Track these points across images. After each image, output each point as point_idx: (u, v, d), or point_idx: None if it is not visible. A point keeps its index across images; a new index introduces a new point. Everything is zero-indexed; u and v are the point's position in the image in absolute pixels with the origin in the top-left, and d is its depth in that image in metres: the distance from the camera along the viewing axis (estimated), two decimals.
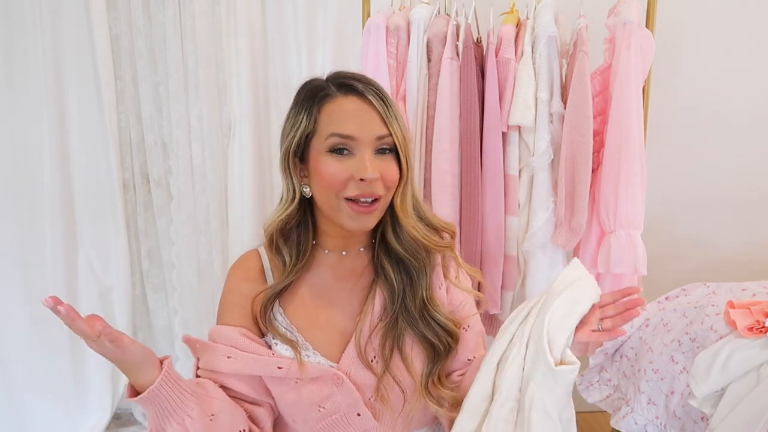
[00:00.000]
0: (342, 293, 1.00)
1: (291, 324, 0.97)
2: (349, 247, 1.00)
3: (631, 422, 1.58)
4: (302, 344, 0.96)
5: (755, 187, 2.24)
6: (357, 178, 0.88)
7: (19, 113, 2.02)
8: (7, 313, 2.09)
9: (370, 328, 0.96)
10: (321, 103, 0.91)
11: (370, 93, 0.90)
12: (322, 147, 0.90)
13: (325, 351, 0.96)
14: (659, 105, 2.04)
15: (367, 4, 1.83)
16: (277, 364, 0.92)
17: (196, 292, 2.14)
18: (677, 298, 1.70)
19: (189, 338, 0.96)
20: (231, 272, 1.01)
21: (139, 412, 2.28)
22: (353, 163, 0.89)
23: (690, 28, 2.11)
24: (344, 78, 0.93)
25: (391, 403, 0.95)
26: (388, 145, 0.91)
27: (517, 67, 1.69)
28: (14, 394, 2.12)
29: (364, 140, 0.89)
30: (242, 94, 2.00)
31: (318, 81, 0.95)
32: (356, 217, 0.90)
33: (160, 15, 2.01)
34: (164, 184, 2.15)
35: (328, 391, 0.93)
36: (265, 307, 0.96)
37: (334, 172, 0.88)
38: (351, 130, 0.88)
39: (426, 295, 0.96)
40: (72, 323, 0.74)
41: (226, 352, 0.92)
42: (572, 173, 1.69)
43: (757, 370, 1.32)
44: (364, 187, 0.88)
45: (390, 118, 0.90)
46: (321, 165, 0.90)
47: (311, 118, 0.91)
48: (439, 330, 0.96)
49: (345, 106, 0.90)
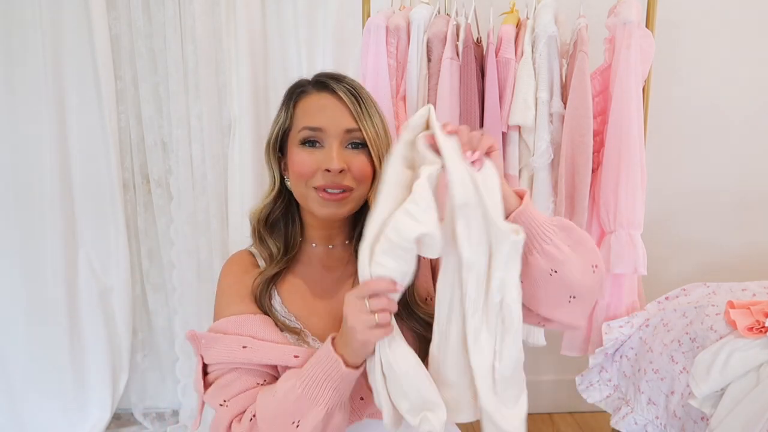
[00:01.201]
0: (332, 282, 1.02)
1: (290, 312, 0.99)
2: (334, 240, 1.03)
3: (631, 422, 1.58)
4: (302, 332, 0.97)
5: (755, 187, 2.24)
6: (323, 169, 0.92)
7: (19, 113, 2.01)
8: (7, 313, 2.09)
9: None
10: (297, 99, 0.98)
11: (341, 90, 0.94)
12: (296, 139, 0.96)
13: (324, 337, 0.95)
14: (659, 105, 2.04)
15: (367, 4, 1.83)
16: (293, 353, 0.91)
17: (196, 292, 2.14)
18: (677, 298, 1.70)
19: (194, 334, 0.96)
20: (226, 269, 1.03)
21: (139, 412, 2.28)
22: (321, 154, 0.93)
23: (690, 28, 2.11)
24: (322, 76, 0.98)
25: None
26: (359, 139, 0.94)
27: (517, 67, 1.69)
28: (14, 394, 2.12)
29: (332, 132, 0.93)
30: (242, 94, 2.00)
31: (301, 80, 1.01)
32: (324, 204, 0.94)
33: (160, 15, 2.01)
34: (164, 184, 2.15)
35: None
36: (261, 293, 0.97)
37: (303, 162, 0.94)
38: (320, 122, 0.93)
39: (407, 291, 0.96)
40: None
41: (242, 342, 0.91)
42: (572, 173, 1.69)
43: (757, 370, 1.32)
44: (331, 178, 0.92)
45: (362, 114, 0.94)
46: (293, 156, 0.96)
47: (288, 114, 0.98)
48: (422, 323, 0.96)
49: (317, 101, 0.96)
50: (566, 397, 2.24)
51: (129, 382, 2.25)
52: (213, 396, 0.93)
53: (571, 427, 2.27)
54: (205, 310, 2.14)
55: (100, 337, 2.16)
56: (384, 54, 1.75)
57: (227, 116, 2.06)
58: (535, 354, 1.89)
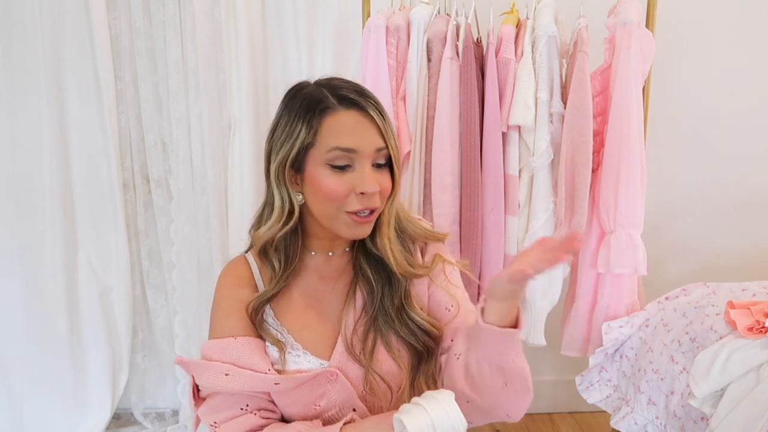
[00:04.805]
0: (326, 293, 1.01)
1: (282, 326, 0.98)
2: (335, 248, 1.01)
3: (631, 422, 1.58)
4: (292, 345, 0.96)
5: (755, 187, 2.24)
6: (358, 192, 0.89)
7: (19, 113, 2.01)
8: (7, 313, 2.09)
9: (354, 320, 0.97)
10: (321, 116, 0.90)
11: (369, 107, 0.90)
12: (322, 159, 0.90)
13: (316, 350, 0.97)
14: (659, 105, 2.04)
15: (367, 4, 1.83)
16: (273, 381, 0.92)
17: (196, 292, 2.14)
18: (677, 298, 1.70)
19: (181, 360, 0.95)
20: (222, 279, 1.01)
21: (139, 412, 2.28)
22: (353, 177, 0.89)
23: (690, 28, 2.11)
24: (342, 89, 0.92)
25: (379, 396, 0.96)
26: (385, 157, 0.92)
27: (517, 67, 1.69)
28: (14, 394, 2.12)
29: (365, 153, 0.89)
30: (242, 94, 2.00)
31: (312, 89, 0.94)
32: (355, 227, 0.92)
33: (160, 15, 2.01)
34: (164, 184, 2.15)
35: (321, 390, 0.94)
36: (256, 311, 0.96)
37: (335, 186, 0.89)
38: (353, 144, 0.89)
39: (403, 293, 0.97)
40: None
41: (224, 370, 0.91)
42: (572, 173, 1.69)
43: (757, 370, 1.32)
44: (365, 201, 0.90)
45: (387, 131, 0.91)
46: (320, 178, 0.90)
47: (311, 130, 0.90)
48: (417, 330, 0.96)
49: (346, 119, 0.90)
50: (566, 397, 2.24)
51: (129, 382, 2.25)
52: (204, 415, 0.95)
53: (571, 427, 2.27)
54: (205, 310, 2.14)
55: (100, 337, 2.16)
56: (384, 54, 1.75)
57: (227, 116, 2.06)
58: (535, 354, 1.89)
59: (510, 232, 1.76)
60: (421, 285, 1.01)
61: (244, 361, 0.92)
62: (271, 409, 0.97)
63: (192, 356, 2.17)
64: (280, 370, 0.94)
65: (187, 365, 0.95)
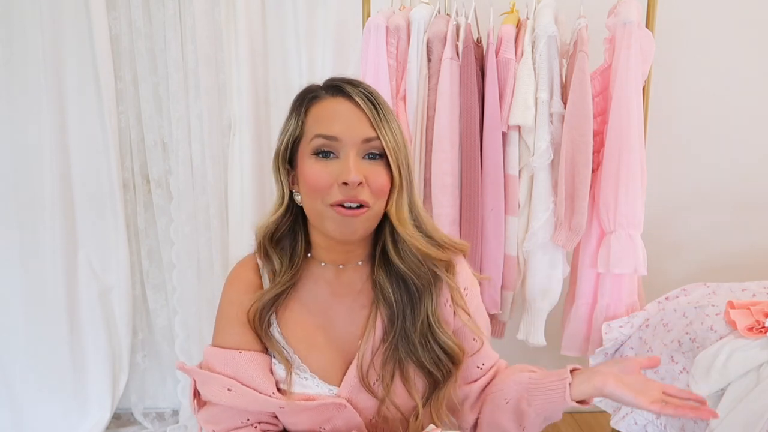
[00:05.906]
0: (340, 311, 0.94)
1: (288, 344, 0.93)
2: (346, 261, 0.94)
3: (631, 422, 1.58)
4: (299, 366, 0.92)
5: (755, 187, 2.24)
6: (340, 182, 0.83)
7: (19, 113, 2.01)
8: (7, 313, 2.09)
9: (372, 351, 0.91)
10: (308, 105, 0.89)
11: (358, 95, 0.86)
12: (308, 149, 0.87)
13: (324, 374, 0.92)
14: (659, 105, 2.04)
15: (367, 4, 1.83)
16: (278, 405, 0.88)
17: (196, 292, 2.14)
18: (677, 298, 1.70)
19: (184, 367, 0.92)
20: (229, 282, 0.97)
21: (139, 412, 2.28)
22: (337, 167, 0.84)
23: (690, 28, 2.11)
24: (335, 81, 0.90)
25: (392, 424, 0.93)
26: (377, 149, 0.86)
27: (517, 67, 1.69)
28: (14, 394, 2.12)
29: (349, 142, 0.84)
30: (242, 94, 2.00)
31: (311, 86, 0.92)
32: (341, 221, 0.85)
33: (160, 15, 2.01)
34: (164, 184, 2.15)
35: (328, 415, 0.91)
36: (260, 317, 0.91)
37: (318, 175, 0.84)
38: (335, 131, 0.84)
39: (430, 314, 0.91)
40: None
41: (227, 384, 0.88)
42: (572, 173, 1.69)
43: (757, 370, 1.32)
44: (348, 191, 0.83)
45: (380, 122, 0.85)
46: (305, 168, 0.86)
47: (299, 121, 0.89)
48: (441, 354, 0.91)
49: (331, 106, 0.87)
50: None
51: (129, 382, 2.25)
52: (204, 421, 0.94)
53: (571, 427, 2.28)
54: (205, 310, 2.14)
55: (100, 337, 2.17)
56: (384, 54, 1.75)
57: (227, 116, 2.06)
58: (535, 354, 1.89)
59: (510, 232, 1.77)
60: (445, 310, 0.95)
61: (248, 379, 0.89)
62: (273, 423, 0.94)
63: (192, 356, 2.17)
64: (285, 390, 0.90)
65: (190, 373, 0.92)
